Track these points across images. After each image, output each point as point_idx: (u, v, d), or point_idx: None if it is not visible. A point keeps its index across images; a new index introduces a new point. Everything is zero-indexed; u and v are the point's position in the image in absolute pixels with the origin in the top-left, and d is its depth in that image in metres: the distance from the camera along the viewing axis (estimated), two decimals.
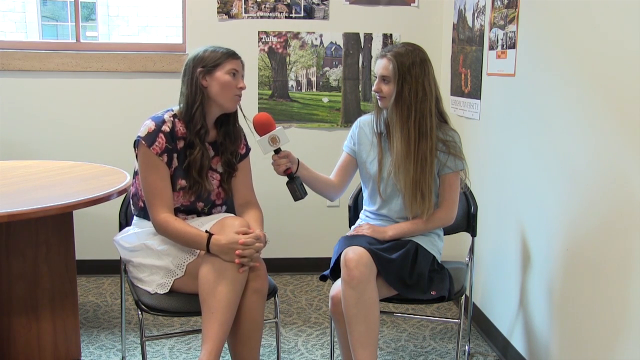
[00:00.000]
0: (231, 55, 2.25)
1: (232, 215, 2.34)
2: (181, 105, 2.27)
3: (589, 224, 2.15)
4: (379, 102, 2.38)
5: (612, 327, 2.02)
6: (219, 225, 2.20)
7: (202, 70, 2.21)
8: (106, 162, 3.07)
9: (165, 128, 2.22)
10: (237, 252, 2.10)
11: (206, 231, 2.17)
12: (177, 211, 2.28)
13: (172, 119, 2.25)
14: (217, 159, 2.35)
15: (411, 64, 2.28)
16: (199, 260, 2.18)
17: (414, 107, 2.29)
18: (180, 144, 2.25)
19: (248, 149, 2.44)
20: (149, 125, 2.22)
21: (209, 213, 2.37)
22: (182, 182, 2.26)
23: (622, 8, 1.95)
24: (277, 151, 2.28)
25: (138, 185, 2.32)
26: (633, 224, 1.90)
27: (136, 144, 2.23)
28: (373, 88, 2.38)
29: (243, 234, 2.13)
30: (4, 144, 3.65)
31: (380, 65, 2.33)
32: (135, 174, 2.34)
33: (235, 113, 2.35)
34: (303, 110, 3.82)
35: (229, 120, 2.34)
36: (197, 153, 2.24)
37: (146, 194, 2.24)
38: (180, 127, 2.25)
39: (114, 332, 3.07)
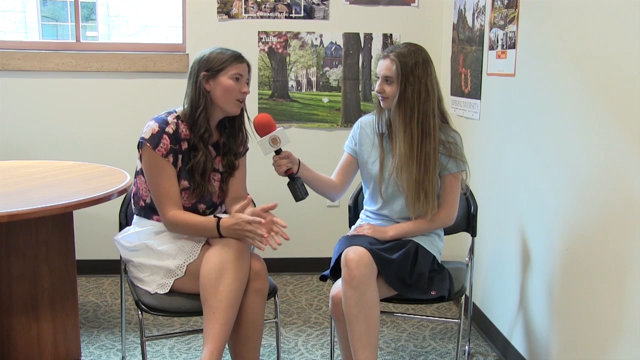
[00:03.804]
0: (236, 59, 2.23)
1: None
2: (185, 106, 2.27)
3: (588, 224, 2.15)
4: (382, 103, 2.38)
5: (612, 327, 2.02)
6: None
7: (206, 75, 2.21)
8: (106, 162, 3.07)
9: (169, 129, 2.22)
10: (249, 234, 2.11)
11: (214, 215, 2.17)
12: None
13: (175, 120, 2.25)
14: (219, 159, 2.35)
15: (414, 64, 2.28)
16: (199, 261, 2.18)
17: (417, 107, 2.29)
18: (184, 146, 2.26)
19: (246, 148, 2.44)
20: (153, 126, 2.22)
21: (211, 215, 2.37)
22: (185, 183, 2.27)
23: (622, 8, 1.95)
24: (278, 152, 2.28)
25: (140, 185, 2.32)
26: (633, 224, 1.90)
27: (140, 146, 2.23)
28: (376, 89, 2.37)
29: (242, 210, 2.14)
30: (4, 144, 3.65)
31: (382, 66, 2.33)
32: (137, 173, 2.34)
33: (241, 115, 2.35)
34: (303, 110, 3.82)
35: (234, 123, 2.35)
36: (201, 157, 2.25)
37: (154, 195, 2.24)
38: (183, 129, 2.25)
39: (114, 332, 3.07)
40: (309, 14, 3.73)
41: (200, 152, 2.25)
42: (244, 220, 2.10)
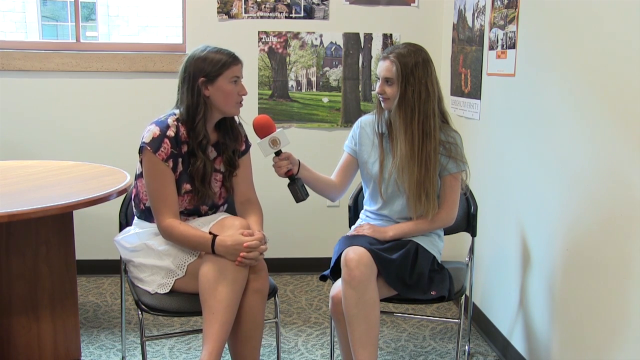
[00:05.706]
0: (232, 60, 2.22)
1: (231, 215, 2.34)
2: (181, 109, 2.26)
3: (589, 224, 2.15)
4: (383, 104, 2.38)
5: (612, 326, 2.02)
6: (218, 226, 2.21)
7: (204, 80, 2.20)
8: (106, 162, 3.07)
9: (170, 133, 2.21)
10: (241, 254, 2.10)
11: (210, 232, 2.17)
12: (180, 213, 2.28)
13: (175, 123, 2.24)
14: (220, 159, 2.35)
15: (414, 65, 2.28)
16: (199, 261, 2.18)
17: (417, 108, 2.29)
18: (185, 148, 2.25)
19: (248, 145, 2.43)
20: (154, 130, 2.21)
21: (213, 214, 2.37)
22: (187, 187, 2.27)
23: (623, 8, 1.95)
24: (278, 153, 2.28)
25: (140, 188, 2.32)
26: (633, 223, 1.90)
27: (141, 150, 2.23)
28: (376, 90, 2.37)
29: (247, 236, 2.14)
30: (4, 144, 3.65)
31: (382, 67, 2.33)
32: (138, 176, 2.34)
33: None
34: (303, 110, 3.82)
35: (225, 121, 2.34)
36: (199, 163, 2.24)
37: (152, 199, 2.23)
38: (183, 132, 2.24)
39: (114, 332, 3.07)
40: (309, 14, 3.73)
41: (199, 159, 2.24)
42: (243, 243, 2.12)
